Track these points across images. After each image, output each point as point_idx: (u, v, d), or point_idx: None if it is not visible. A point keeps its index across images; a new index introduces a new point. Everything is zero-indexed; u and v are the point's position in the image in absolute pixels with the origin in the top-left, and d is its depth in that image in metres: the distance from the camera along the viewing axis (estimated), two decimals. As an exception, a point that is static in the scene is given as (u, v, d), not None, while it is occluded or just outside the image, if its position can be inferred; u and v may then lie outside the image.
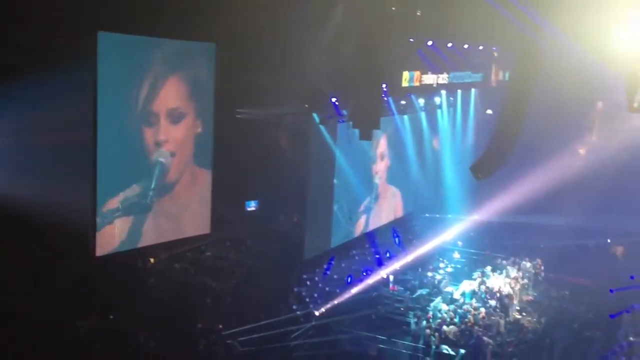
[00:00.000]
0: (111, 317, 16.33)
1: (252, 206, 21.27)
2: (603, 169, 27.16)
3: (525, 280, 24.58)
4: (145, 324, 16.53)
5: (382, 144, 26.16)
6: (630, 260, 26.40)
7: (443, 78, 25.70)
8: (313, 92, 20.21)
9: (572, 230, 26.83)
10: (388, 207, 27.81)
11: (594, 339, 20.61)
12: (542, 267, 25.37)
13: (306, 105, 20.95)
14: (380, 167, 26.60)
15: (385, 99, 23.17)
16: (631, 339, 19.96)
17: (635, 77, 13.64)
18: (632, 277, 24.03)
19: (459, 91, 27.92)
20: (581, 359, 19.76)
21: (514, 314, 22.42)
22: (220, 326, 17.63)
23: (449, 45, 24.98)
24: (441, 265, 26.19)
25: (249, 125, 20.13)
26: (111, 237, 17.02)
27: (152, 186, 17.92)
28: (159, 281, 18.27)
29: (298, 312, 20.28)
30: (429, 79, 24.85)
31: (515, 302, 23.04)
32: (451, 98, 28.23)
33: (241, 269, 20.66)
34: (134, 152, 17.35)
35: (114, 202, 16.97)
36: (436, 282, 24.44)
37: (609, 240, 27.64)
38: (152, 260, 18.50)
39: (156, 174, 17.99)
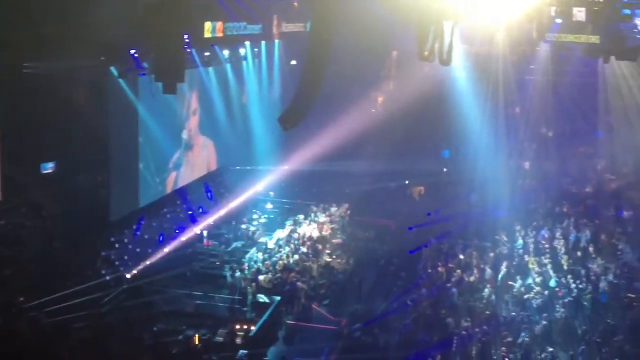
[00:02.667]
0: None
1: (49, 168, 19.86)
2: (400, 115, 29.21)
3: (335, 225, 26.04)
4: None
5: (194, 102, 25.76)
6: (426, 199, 29.04)
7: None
8: (110, 44, 19.12)
9: (374, 174, 28.76)
10: (200, 162, 27.53)
11: (398, 274, 22.56)
12: (349, 212, 27.02)
13: (103, 58, 19.82)
14: (193, 124, 26.20)
15: (189, 50, 22.66)
16: (430, 271, 22.17)
17: (424, 27, 14.77)
18: (428, 214, 26.58)
19: (264, 42, 28.11)
20: (387, 293, 21.52)
21: (325, 258, 23.73)
22: (22, 299, 16.53)
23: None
24: (255, 217, 26.80)
25: (40, 80, 18.58)
26: None
27: None
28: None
29: (108, 277, 19.67)
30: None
31: (326, 246, 24.37)
32: (256, 49, 28.34)
33: (42, 236, 19.40)
34: None
35: None
36: (251, 233, 25.03)
37: (407, 182, 29.94)
38: None
39: None
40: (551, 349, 17.60)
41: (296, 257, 22.63)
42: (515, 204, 26.46)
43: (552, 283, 21.08)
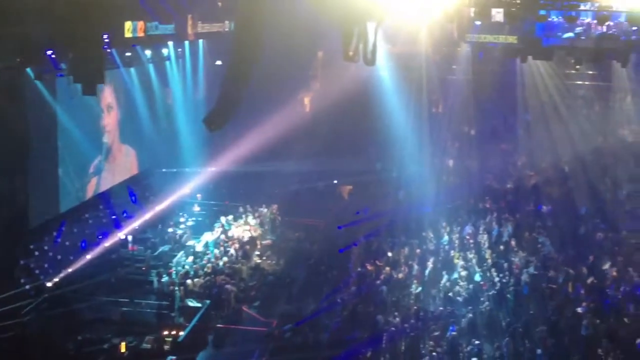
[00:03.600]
0: None
1: (-41, 173, 18.93)
2: (327, 115, 29.46)
3: (264, 226, 26.00)
4: None
5: (107, 95, 24.93)
6: (355, 198, 29.38)
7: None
8: (26, 44, 18.41)
9: (303, 174, 28.89)
10: (122, 166, 26.87)
11: (328, 272, 22.75)
12: (278, 212, 27.03)
13: (18, 59, 19.05)
14: (109, 121, 25.41)
15: (109, 50, 22.09)
16: (359, 269, 22.47)
17: (348, 27, 14.95)
18: (357, 213, 26.89)
19: (187, 42, 27.71)
20: (318, 292, 21.67)
21: (254, 259, 23.65)
22: None
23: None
24: (182, 219, 26.43)
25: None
26: None
27: None
28: None
29: (27, 286, 18.94)
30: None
31: (255, 247, 24.30)
32: (179, 49, 27.93)
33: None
34: None
35: None
36: (178, 237, 24.67)
37: (335, 181, 30.21)
38: None
39: None
40: (476, 341, 18.17)
41: (225, 259, 22.47)
42: (440, 201, 27.11)
43: (477, 277, 21.75)
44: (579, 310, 19.64)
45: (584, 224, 25.31)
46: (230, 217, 25.78)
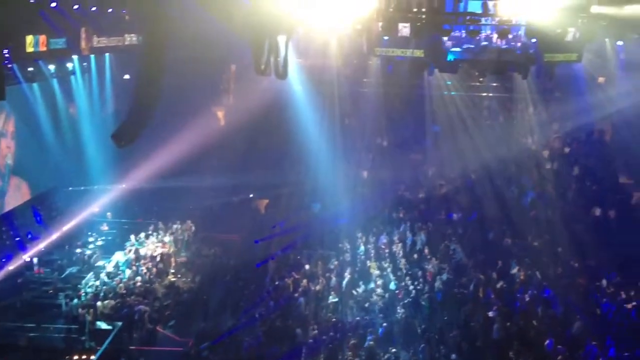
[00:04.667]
0: None
1: None
2: (241, 129, 29.35)
3: (178, 243, 25.53)
4: None
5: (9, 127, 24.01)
6: (271, 211, 29.33)
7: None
8: None
9: (218, 189, 28.54)
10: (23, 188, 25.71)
11: (245, 288, 22.58)
12: (193, 228, 26.61)
13: None
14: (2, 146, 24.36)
15: (10, 65, 21.19)
16: (277, 282, 22.43)
17: (258, 41, 15.01)
18: (273, 226, 26.89)
19: (92, 56, 26.91)
20: (235, 307, 21.46)
21: (169, 277, 23.17)
22: None
23: (76, 7, 23.63)
24: (90, 239, 25.57)
25: None
26: None
27: None
28: None
29: None
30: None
31: (170, 265, 23.81)
32: (84, 64, 27.11)
33: None
34: None
35: None
36: (86, 257, 23.87)
37: (251, 195, 30.08)
38: None
39: None
40: (393, 349, 18.53)
41: (138, 278, 21.90)
42: (356, 212, 27.50)
43: (392, 285, 22.20)
44: (490, 314, 20.35)
45: (492, 230, 26.33)
46: (143, 235, 25.15)
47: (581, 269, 23.70)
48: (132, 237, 24.88)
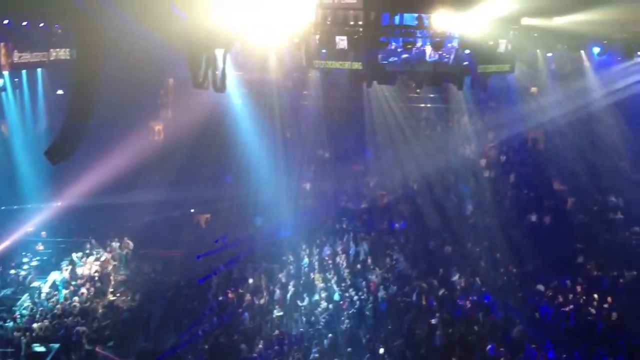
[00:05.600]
0: None
1: None
2: (181, 143, 29.05)
3: (117, 261, 25.02)
4: None
5: None
6: (213, 226, 29.07)
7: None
8: None
9: (157, 204, 28.10)
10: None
11: (188, 304, 22.30)
12: (131, 245, 26.12)
13: None
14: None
15: None
16: (220, 298, 22.25)
17: (195, 54, 14.99)
18: (216, 241, 26.66)
19: (24, 72, 26.20)
20: (178, 325, 21.18)
21: (108, 296, 22.69)
22: None
23: (5, 22, 22.99)
24: (25, 259, 24.78)
25: None
26: None
27: None
28: None
29: None
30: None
31: (108, 284, 23.31)
32: (16, 79, 26.36)
33: None
34: None
35: None
36: (21, 278, 23.15)
37: (192, 210, 29.76)
38: None
39: None
40: (338, 361, 18.65)
41: (75, 298, 21.36)
42: (299, 224, 27.58)
43: (336, 297, 22.35)
44: (433, 321, 20.75)
45: (433, 238, 26.84)
46: (80, 253, 24.54)
47: (519, 274, 24.40)
48: (71, 256, 24.22)
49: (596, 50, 23.83)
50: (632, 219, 27.64)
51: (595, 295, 22.37)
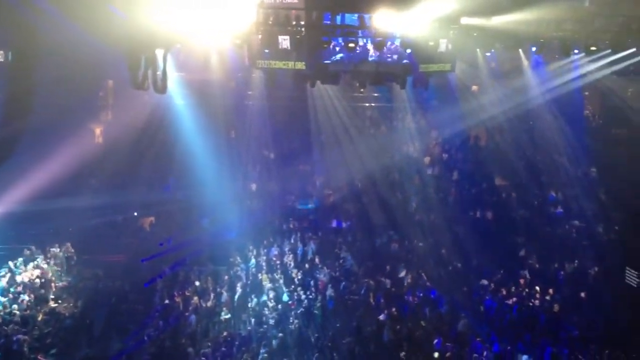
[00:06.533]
0: None
1: None
2: (122, 145, 28.54)
3: (57, 267, 24.49)
4: None
5: None
6: (157, 229, 28.74)
7: None
8: None
9: (99, 208, 27.59)
10: None
11: (132, 309, 22.05)
12: (73, 251, 25.59)
13: None
14: None
15: None
16: (166, 301, 22.08)
17: (134, 55, 14.87)
18: (160, 244, 26.41)
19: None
20: (123, 330, 20.93)
21: (50, 303, 22.23)
22: None
23: None
24: (-41, 269, 23.94)
25: None
26: None
27: None
28: None
29: None
30: None
31: (49, 291, 22.83)
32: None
33: None
34: None
35: None
36: (-45, 289, 22.35)
37: (135, 213, 29.36)
38: None
39: None
40: (287, 360, 18.79)
41: (15, 306, 20.86)
42: (245, 225, 27.59)
43: (285, 297, 22.48)
44: (381, 318, 21.12)
45: (380, 236, 27.25)
46: (19, 260, 23.91)
47: (464, 269, 25.03)
48: (10, 263, 23.58)
49: (533, 49, 24.69)
50: (571, 212, 28.67)
51: (537, 288, 23.14)
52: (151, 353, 19.10)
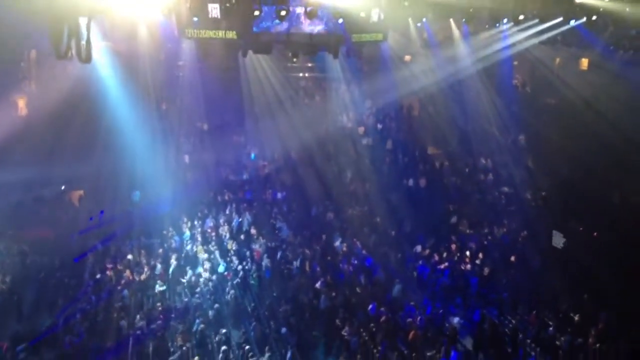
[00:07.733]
0: None
1: None
2: (47, 117, 27.65)
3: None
4: None
5: None
6: (87, 203, 28.27)
7: None
8: None
9: (24, 183, 26.81)
10: None
11: (62, 284, 21.81)
12: (-1, 227, 24.99)
13: None
14: None
15: None
16: (98, 276, 21.94)
17: (57, 24, 14.50)
18: (91, 219, 26.04)
19: None
20: (53, 306, 20.72)
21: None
22: None
23: None
24: None
25: None
26: None
27: None
28: None
29: None
30: None
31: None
32: None
33: None
34: None
35: None
36: None
37: (63, 187, 28.74)
38: None
39: None
40: (224, 330, 19.05)
41: None
42: (179, 197, 27.49)
43: (221, 268, 22.71)
44: (317, 286, 21.62)
45: (315, 206, 27.70)
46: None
47: (398, 236, 25.77)
48: None
49: (463, 18, 25.36)
50: (500, 179, 29.83)
51: (468, 253, 24.07)
52: (84, 328, 19.02)
